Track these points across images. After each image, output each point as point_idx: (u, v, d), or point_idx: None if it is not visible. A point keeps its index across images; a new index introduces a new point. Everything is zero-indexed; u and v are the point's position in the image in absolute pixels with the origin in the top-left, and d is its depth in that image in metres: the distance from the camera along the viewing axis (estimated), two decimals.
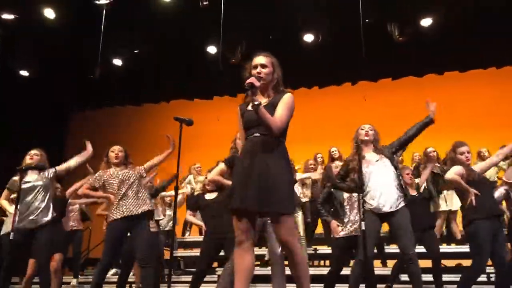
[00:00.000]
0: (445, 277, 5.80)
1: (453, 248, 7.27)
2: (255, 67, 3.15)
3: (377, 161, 4.46)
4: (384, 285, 5.74)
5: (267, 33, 9.14)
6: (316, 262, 8.01)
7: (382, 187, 4.33)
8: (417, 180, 6.35)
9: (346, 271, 5.19)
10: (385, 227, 4.56)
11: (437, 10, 8.48)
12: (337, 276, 5.22)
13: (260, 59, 3.17)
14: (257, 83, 2.96)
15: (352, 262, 5.35)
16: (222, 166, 4.69)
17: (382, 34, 8.77)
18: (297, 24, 9.06)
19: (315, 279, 5.43)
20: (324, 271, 5.89)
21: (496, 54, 9.18)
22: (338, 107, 10.99)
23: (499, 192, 5.63)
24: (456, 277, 5.71)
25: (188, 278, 6.61)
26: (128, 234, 4.75)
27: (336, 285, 5.33)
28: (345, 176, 4.64)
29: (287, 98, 3.10)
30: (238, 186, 3.00)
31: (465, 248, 5.68)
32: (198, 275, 5.39)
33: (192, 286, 5.31)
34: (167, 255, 8.09)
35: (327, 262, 7.92)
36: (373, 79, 10.37)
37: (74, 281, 7.48)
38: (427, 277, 5.59)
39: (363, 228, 4.00)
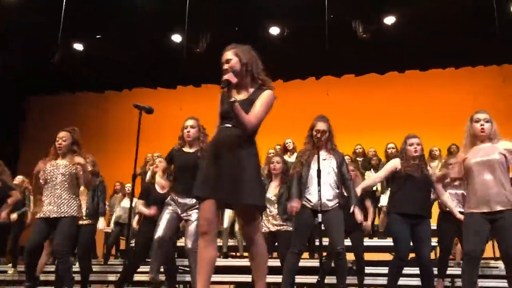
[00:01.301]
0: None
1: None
2: (223, 64, 3.08)
3: (324, 159, 4.58)
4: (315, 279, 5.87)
5: (233, 24, 9.09)
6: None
7: (321, 186, 4.45)
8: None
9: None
10: None
11: (400, 9, 8.65)
12: None
13: (224, 56, 3.09)
14: (234, 79, 2.90)
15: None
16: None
17: (347, 30, 8.87)
18: (263, 17, 9.05)
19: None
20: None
21: (454, 55, 9.46)
22: (301, 100, 11.06)
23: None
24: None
25: (145, 268, 6.55)
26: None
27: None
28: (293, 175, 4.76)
29: (265, 95, 3.02)
30: (210, 176, 2.95)
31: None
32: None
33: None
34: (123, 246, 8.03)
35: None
36: (337, 74, 10.50)
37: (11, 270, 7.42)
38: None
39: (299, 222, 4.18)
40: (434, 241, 6.91)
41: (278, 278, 4.89)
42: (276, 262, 5.31)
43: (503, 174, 3.93)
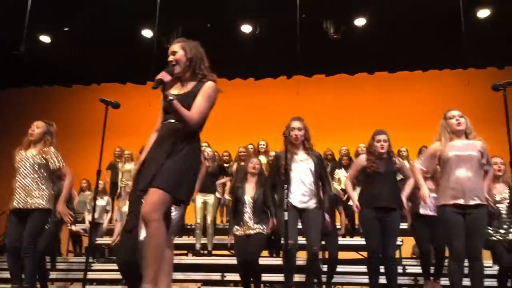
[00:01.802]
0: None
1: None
2: (169, 55, 3.04)
3: (302, 161, 4.63)
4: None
5: (205, 20, 9.04)
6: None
7: (299, 187, 4.53)
8: None
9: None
10: None
11: (370, 11, 8.76)
12: None
13: (171, 48, 3.05)
14: (167, 78, 2.80)
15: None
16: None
17: (318, 30, 8.94)
18: (236, 14, 9.03)
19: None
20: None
21: (422, 58, 9.66)
22: (272, 99, 11.10)
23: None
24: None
25: (112, 266, 6.45)
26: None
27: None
28: (277, 173, 4.76)
29: (207, 88, 2.95)
30: (144, 170, 2.90)
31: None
32: None
33: None
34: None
35: None
36: (308, 74, 10.56)
37: None
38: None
39: (286, 218, 4.16)
40: (399, 240, 7.09)
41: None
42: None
43: (479, 170, 4.06)
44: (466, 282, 4.05)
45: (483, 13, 8.37)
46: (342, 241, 7.25)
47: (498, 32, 8.63)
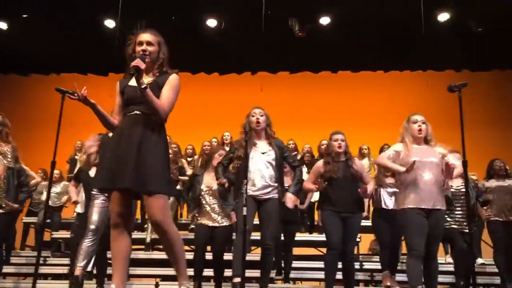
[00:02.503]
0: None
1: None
2: (140, 43, 3.00)
3: (263, 151, 4.58)
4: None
5: (170, 12, 8.91)
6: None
7: (259, 179, 4.50)
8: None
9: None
10: None
11: (336, 10, 8.85)
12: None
13: (146, 36, 3.01)
14: (143, 65, 2.81)
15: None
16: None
17: (283, 28, 8.96)
18: (201, 8, 8.94)
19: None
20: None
21: (384, 59, 9.84)
22: (236, 95, 11.08)
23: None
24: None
25: (67, 260, 6.31)
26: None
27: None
28: (228, 164, 4.74)
29: (173, 80, 2.98)
30: (112, 166, 2.86)
31: None
32: None
33: None
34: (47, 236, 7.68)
35: None
36: (272, 71, 10.59)
37: None
38: None
39: (244, 213, 4.12)
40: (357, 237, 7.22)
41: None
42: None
43: (440, 176, 4.19)
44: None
45: (443, 16, 8.59)
46: (301, 237, 7.36)
47: (457, 35, 8.88)
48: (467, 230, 4.72)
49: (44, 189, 8.04)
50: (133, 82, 2.94)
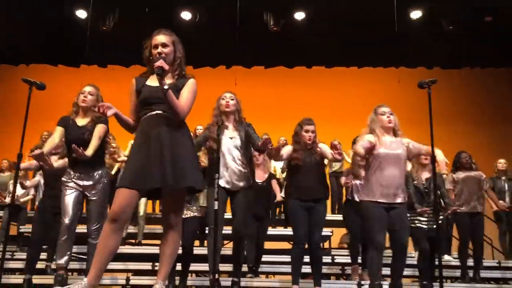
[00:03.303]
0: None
1: None
2: (156, 46, 3.04)
3: (231, 138, 4.51)
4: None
5: (143, 4, 8.78)
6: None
7: (227, 165, 4.44)
8: None
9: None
10: None
11: (310, 6, 8.88)
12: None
13: (161, 38, 3.05)
14: (166, 66, 2.89)
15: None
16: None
17: (258, 22, 8.95)
18: (175, 0, 8.85)
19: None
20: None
21: (357, 55, 9.93)
22: (210, 88, 10.98)
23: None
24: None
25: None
26: None
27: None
28: (200, 146, 4.66)
29: (192, 84, 3.06)
30: (140, 166, 2.86)
31: None
32: None
33: None
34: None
35: None
36: (247, 65, 10.57)
37: None
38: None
39: (215, 207, 4.08)
40: (329, 231, 7.30)
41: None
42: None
43: (405, 168, 4.28)
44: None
45: (416, 14, 8.71)
46: (272, 231, 7.39)
47: (429, 33, 9.03)
48: (435, 225, 4.86)
49: (8, 180, 7.84)
50: (151, 82, 3.02)
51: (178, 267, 5.12)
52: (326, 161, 5.94)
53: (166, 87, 2.84)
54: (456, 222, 6.51)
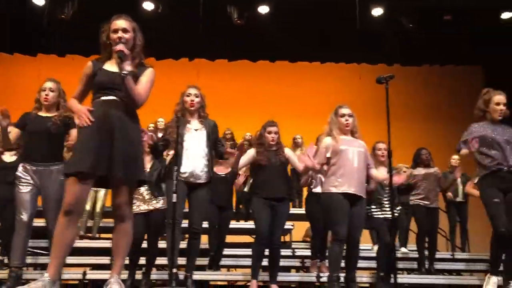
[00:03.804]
0: None
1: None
2: (115, 31, 2.95)
3: (196, 130, 4.49)
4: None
5: None
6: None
7: (192, 157, 4.40)
8: None
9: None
10: None
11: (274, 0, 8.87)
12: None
13: (121, 23, 2.97)
14: (127, 51, 2.84)
15: None
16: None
17: (222, 14, 8.88)
18: None
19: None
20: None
21: (320, 50, 10.02)
22: (172, 81, 10.88)
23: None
24: None
25: None
26: None
27: None
28: (164, 146, 4.65)
29: (150, 72, 3.05)
30: (96, 150, 2.78)
31: None
32: None
33: None
34: None
35: None
36: (210, 58, 10.48)
37: None
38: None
39: (174, 200, 4.09)
40: (290, 224, 7.37)
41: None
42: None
43: (365, 165, 4.41)
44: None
45: (377, 11, 8.84)
46: (237, 224, 7.41)
47: (390, 30, 9.19)
48: (391, 216, 5.15)
49: None
50: (108, 67, 2.94)
51: (142, 261, 5.07)
52: None
53: (125, 72, 2.78)
54: (414, 216, 6.72)
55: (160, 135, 7.34)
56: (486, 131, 4.40)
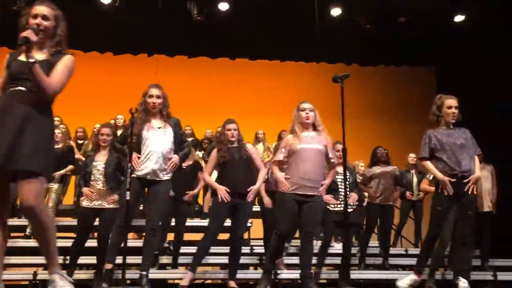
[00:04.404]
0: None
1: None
2: (35, 16, 2.79)
3: (159, 128, 4.49)
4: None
5: None
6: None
7: (153, 154, 4.40)
8: None
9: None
10: None
11: None
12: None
13: (42, 9, 2.80)
14: (34, 38, 2.63)
15: None
16: None
17: (181, 10, 8.79)
18: None
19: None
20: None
21: (280, 49, 10.07)
22: (131, 76, 10.72)
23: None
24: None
25: None
26: None
27: None
28: (123, 141, 4.65)
29: (68, 60, 2.81)
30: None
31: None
32: None
33: None
34: None
35: None
36: (169, 54, 10.36)
37: None
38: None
39: (127, 198, 4.10)
40: (248, 222, 7.37)
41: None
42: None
43: (323, 163, 4.47)
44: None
45: (336, 11, 8.96)
46: (192, 222, 7.36)
47: (348, 30, 9.34)
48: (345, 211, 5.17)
49: None
50: (23, 57, 2.72)
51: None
52: None
53: (32, 60, 2.59)
54: (367, 213, 6.90)
55: (119, 132, 7.25)
56: (441, 136, 4.55)
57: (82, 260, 5.53)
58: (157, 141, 4.43)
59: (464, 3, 8.84)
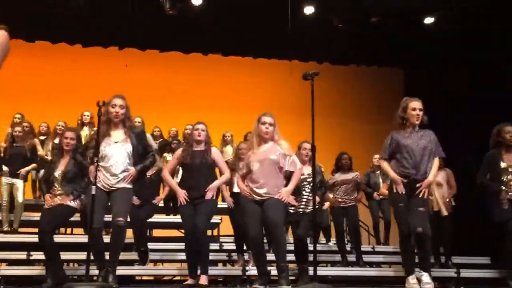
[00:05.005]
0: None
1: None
2: None
3: (116, 142, 4.50)
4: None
5: None
6: None
7: (110, 169, 4.45)
8: None
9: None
10: None
11: None
12: None
13: None
14: None
15: None
16: None
17: (154, 3, 8.67)
18: None
19: None
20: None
21: (253, 45, 10.06)
22: (100, 70, 10.55)
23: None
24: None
25: None
26: None
27: None
28: (84, 153, 4.77)
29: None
30: None
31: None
32: None
33: None
34: None
35: None
36: (141, 47, 10.21)
37: None
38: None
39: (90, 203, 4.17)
40: (218, 218, 7.38)
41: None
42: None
43: (276, 171, 4.56)
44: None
45: (309, 9, 8.99)
46: (160, 218, 7.30)
47: (320, 29, 9.39)
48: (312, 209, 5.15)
49: None
50: None
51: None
52: None
53: None
54: (332, 215, 7.12)
55: (85, 129, 7.12)
56: (403, 139, 4.65)
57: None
58: (115, 154, 4.45)
59: (433, 5, 8.98)
